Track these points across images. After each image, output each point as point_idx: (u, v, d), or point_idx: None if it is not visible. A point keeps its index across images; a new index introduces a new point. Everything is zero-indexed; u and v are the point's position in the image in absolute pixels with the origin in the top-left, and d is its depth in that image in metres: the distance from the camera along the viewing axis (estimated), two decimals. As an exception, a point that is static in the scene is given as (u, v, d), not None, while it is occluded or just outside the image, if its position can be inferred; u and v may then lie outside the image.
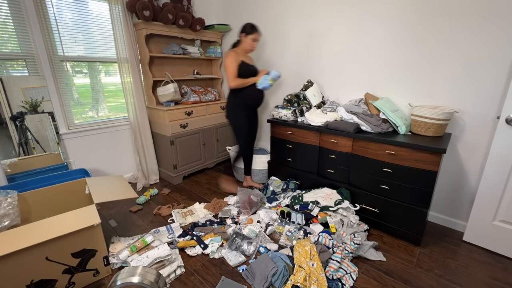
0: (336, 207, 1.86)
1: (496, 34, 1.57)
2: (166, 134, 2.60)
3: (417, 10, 1.82)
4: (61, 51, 2.21)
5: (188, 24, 2.70)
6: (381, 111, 1.92)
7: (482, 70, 1.66)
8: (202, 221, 2.03)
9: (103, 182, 1.90)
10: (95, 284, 1.47)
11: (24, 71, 2.09)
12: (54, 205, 1.80)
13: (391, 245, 1.77)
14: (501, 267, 1.58)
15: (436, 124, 1.71)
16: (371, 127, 1.89)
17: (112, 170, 2.71)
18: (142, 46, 2.52)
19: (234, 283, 1.44)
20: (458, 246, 1.77)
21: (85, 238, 1.39)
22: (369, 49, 2.12)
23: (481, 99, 1.70)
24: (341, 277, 1.44)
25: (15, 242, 1.22)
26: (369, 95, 2.10)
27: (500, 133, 1.56)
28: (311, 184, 2.25)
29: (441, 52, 1.78)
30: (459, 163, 1.87)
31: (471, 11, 1.62)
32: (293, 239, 1.73)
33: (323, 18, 2.32)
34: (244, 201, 2.11)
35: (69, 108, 2.34)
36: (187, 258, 1.66)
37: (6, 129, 2.00)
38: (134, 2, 2.29)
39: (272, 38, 2.75)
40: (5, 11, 1.92)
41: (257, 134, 3.24)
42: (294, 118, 2.38)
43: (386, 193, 1.82)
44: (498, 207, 1.64)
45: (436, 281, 1.48)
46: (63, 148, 2.34)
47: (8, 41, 1.98)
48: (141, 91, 2.60)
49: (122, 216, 2.16)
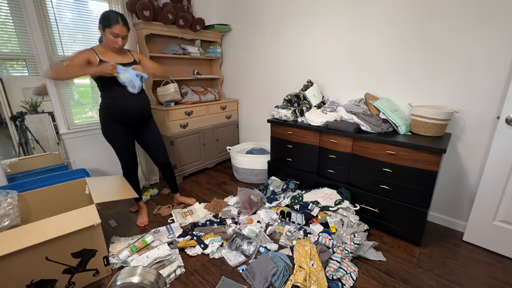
0: (336, 207, 1.86)
1: (496, 34, 1.57)
2: (166, 134, 2.61)
3: (418, 10, 1.82)
4: (61, 51, 2.21)
5: (188, 24, 2.70)
6: (381, 111, 1.92)
7: (482, 70, 1.66)
8: (202, 221, 2.03)
9: (103, 182, 1.90)
10: (95, 284, 1.47)
11: (24, 71, 2.09)
12: (54, 205, 1.80)
13: (391, 245, 1.77)
14: (501, 267, 1.58)
15: (436, 124, 1.71)
16: (371, 127, 1.89)
17: (112, 170, 2.70)
18: (142, 46, 2.52)
19: (234, 283, 1.44)
20: (458, 246, 1.77)
21: (85, 238, 1.39)
22: (369, 49, 2.11)
23: (481, 99, 1.70)
24: (341, 277, 1.44)
25: (15, 242, 1.22)
26: (369, 95, 2.10)
27: (500, 133, 1.56)
28: (311, 184, 2.25)
29: (441, 52, 1.78)
30: (459, 163, 1.87)
31: (471, 11, 1.62)
32: (293, 239, 1.73)
33: (323, 18, 2.32)
34: (244, 201, 2.11)
35: (69, 108, 2.34)
36: (187, 258, 1.66)
37: (6, 129, 2.01)
38: (134, 2, 2.29)
39: (272, 38, 2.75)
40: (5, 11, 1.92)
41: (252, 135, 3.25)
42: (294, 118, 2.38)
43: (386, 193, 1.82)
44: (498, 207, 1.64)
45: (436, 281, 1.47)
46: (63, 148, 2.33)
47: (8, 41, 1.98)
48: (141, 91, 2.60)
49: (122, 216, 2.16)
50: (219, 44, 3.23)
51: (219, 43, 3.22)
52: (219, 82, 3.38)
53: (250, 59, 3.03)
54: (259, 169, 2.71)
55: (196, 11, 3.04)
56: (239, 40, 3.09)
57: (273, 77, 2.88)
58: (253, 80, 3.09)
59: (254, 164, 2.70)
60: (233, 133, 3.35)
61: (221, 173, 3.07)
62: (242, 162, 2.72)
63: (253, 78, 3.08)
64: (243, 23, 2.97)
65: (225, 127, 3.20)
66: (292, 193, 2.27)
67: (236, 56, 3.18)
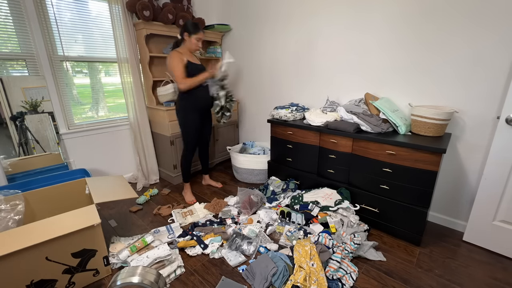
0: (336, 207, 1.86)
1: (496, 34, 1.57)
2: (166, 134, 2.60)
3: (418, 10, 1.82)
4: (61, 51, 2.21)
5: (188, 24, 2.70)
6: (381, 111, 1.92)
7: (482, 70, 1.66)
8: (202, 221, 2.03)
9: (103, 182, 1.90)
10: (95, 284, 1.47)
11: (24, 71, 2.09)
12: (54, 205, 1.80)
13: (391, 245, 1.77)
14: (501, 267, 1.58)
15: (436, 124, 1.71)
16: (371, 127, 1.89)
17: (112, 170, 2.71)
18: (142, 46, 2.52)
19: (234, 283, 1.44)
20: (458, 246, 1.77)
21: (85, 238, 1.39)
22: (369, 49, 2.11)
23: (481, 99, 1.70)
24: (341, 277, 1.44)
25: (15, 242, 1.22)
26: (369, 95, 2.10)
27: (500, 133, 1.56)
28: (311, 184, 2.25)
29: (441, 52, 1.78)
30: (459, 163, 1.87)
31: (471, 11, 1.62)
32: (293, 239, 1.73)
33: (323, 18, 2.32)
34: (244, 201, 2.11)
35: (69, 108, 2.34)
36: (187, 258, 1.66)
37: (6, 129, 2.01)
38: (134, 2, 2.29)
39: (271, 38, 2.75)
40: (5, 11, 1.92)
41: (252, 135, 3.26)
42: (294, 118, 2.38)
43: (386, 193, 1.82)
44: (498, 207, 1.64)
45: (436, 281, 1.48)
46: (63, 148, 2.34)
47: (8, 41, 1.98)
48: (141, 91, 2.60)
49: (122, 216, 2.16)
50: (219, 44, 3.23)
51: (219, 43, 3.22)
52: (219, 82, 3.38)
53: (250, 59, 3.03)
54: (259, 169, 2.71)
55: (196, 11, 3.04)
56: (239, 40, 3.09)
57: (273, 77, 2.87)
58: (253, 80, 3.09)
59: (254, 164, 2.70)
60: (233, 133, 3.35)
61: (221, 173, 3.07)
62: (242, 162, 2.72)
63: (253, 78, 3.08)
64: (243, 23, 2.97)
65: (225, 127, 3.20)
66: (292, 193, 2.26)
67: (236, 56, 3.18)
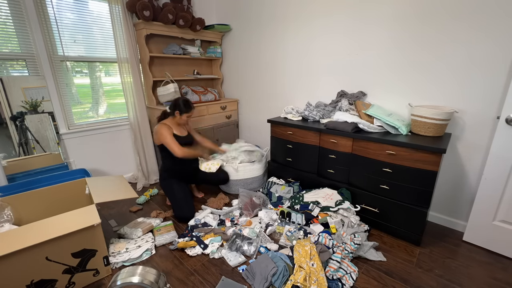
0: (336, 208, 1.86)
1: (495, 34, 1.57)
2: (166, 134, 2.60)
3: (417, 10, 1.81)
4: (61, 51, 2.21)
5: (188, 24, 2.70)
6: (375, 118, 1.91)
7: (482, 70, 1.66)
8: (202, 221, 2.02)
9: (103, 182, 1.90)
10: (95, 284, 1.47)
11: (24, 71, 2.09)
12: (54, 205, 1.80)
13: (391, 245, 1.77)
14: (501, 267, 1.58)
15: (436, 124, 1.71)
16: (367, 125, 1.90)
17: (112, 170, 2.71)
18: (142, 46, 2.52)
19: (234, 283, 1.44)
20: (458, 246, 1.77)
21: (85, 238, 1.39)
22: (370, 49, 2.11)
23: (481, 99, 1.70)
24: (341, 277, 1.44)
25: (15, 242, 1.22)
26: (359, 103, 2.07)
27: (500, 133, 1.56)
28: (312, 184, 2.25)
29: (441, 52, 1.78)
30: (459, 163, 1.87)
31: (470, 11, 1.62)
32: (293, 239, 1.73)
33: (323, 18, 2.31)
34: (246, 203, 2.11)
35: (69, 108, 2.34)
36: (187, 258, 1.66)
37: (6, 129, 2.01)
38: (134, 2, 2.29)
39: (271, 38, 2.74)
40: (5, 11, 1.92)
41: (252, 135, 3.25)
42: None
43: (386, 193, 1.82)
44: (498, 207, 1.64)
45: (436, 281, 1.48)
46: (63, 148, 2.34)
47: (8, 41, 1.98)
48: (141, 91, 2.60)
49: (122, 216, 2.16)
50: (219, 44, 3.23)
51: (219, 43, 3.22)
52: (219, 82, 3.38)
53: (250, 59, 3.03)
54: (252, 177, 2.49)
55: (196, 11, 3.04)
56: (239, 40, 3.09)
57: (273, 77, 2.87)
58: (253, 80, 3.09)
59: (250, 172, 2.47)
60: (233, 133, 3.35)
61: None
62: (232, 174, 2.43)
63: (253, 78, 3.08)
64: (243, 23, 2.97)
65: (225, 127, 3.20)
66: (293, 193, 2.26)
67: (236, 56, 3.18)
